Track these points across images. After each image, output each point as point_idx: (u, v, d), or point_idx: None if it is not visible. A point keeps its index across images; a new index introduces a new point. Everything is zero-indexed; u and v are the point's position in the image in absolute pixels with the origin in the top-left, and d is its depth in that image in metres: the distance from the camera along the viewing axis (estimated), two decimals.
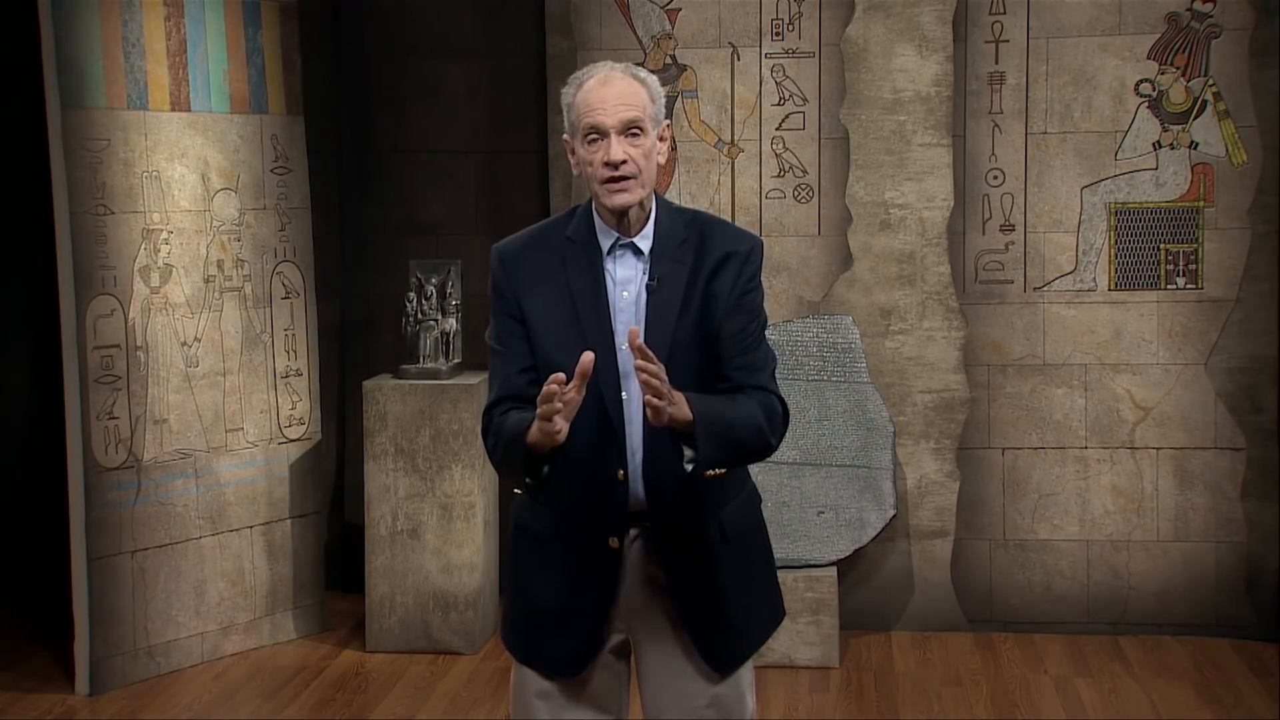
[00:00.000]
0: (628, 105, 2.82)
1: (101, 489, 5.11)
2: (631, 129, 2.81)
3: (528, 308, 2.88)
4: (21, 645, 5.63)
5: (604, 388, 2.81)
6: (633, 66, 2.90)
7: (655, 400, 2.65)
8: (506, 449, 2.83)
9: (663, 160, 2.90)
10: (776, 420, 2.91)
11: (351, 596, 5.95)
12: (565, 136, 2.92)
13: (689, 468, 2.77)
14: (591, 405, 2.78)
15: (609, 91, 2.82)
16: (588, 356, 2.66)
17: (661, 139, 2.89)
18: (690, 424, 2.73)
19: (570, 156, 2.91)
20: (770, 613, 3.07)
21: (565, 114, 2.89)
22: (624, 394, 2.84)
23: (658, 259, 2.87)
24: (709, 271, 2.88)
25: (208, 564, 5.44)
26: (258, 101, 5.56)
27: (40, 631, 5.76)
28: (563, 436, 2.70)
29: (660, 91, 2.89)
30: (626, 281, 2.88)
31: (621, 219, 2.87)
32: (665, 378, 2.67)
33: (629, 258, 2.89)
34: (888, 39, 5.63)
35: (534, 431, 2.73)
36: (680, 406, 2.71)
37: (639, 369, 2.64)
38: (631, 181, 2.82)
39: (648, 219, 2.90)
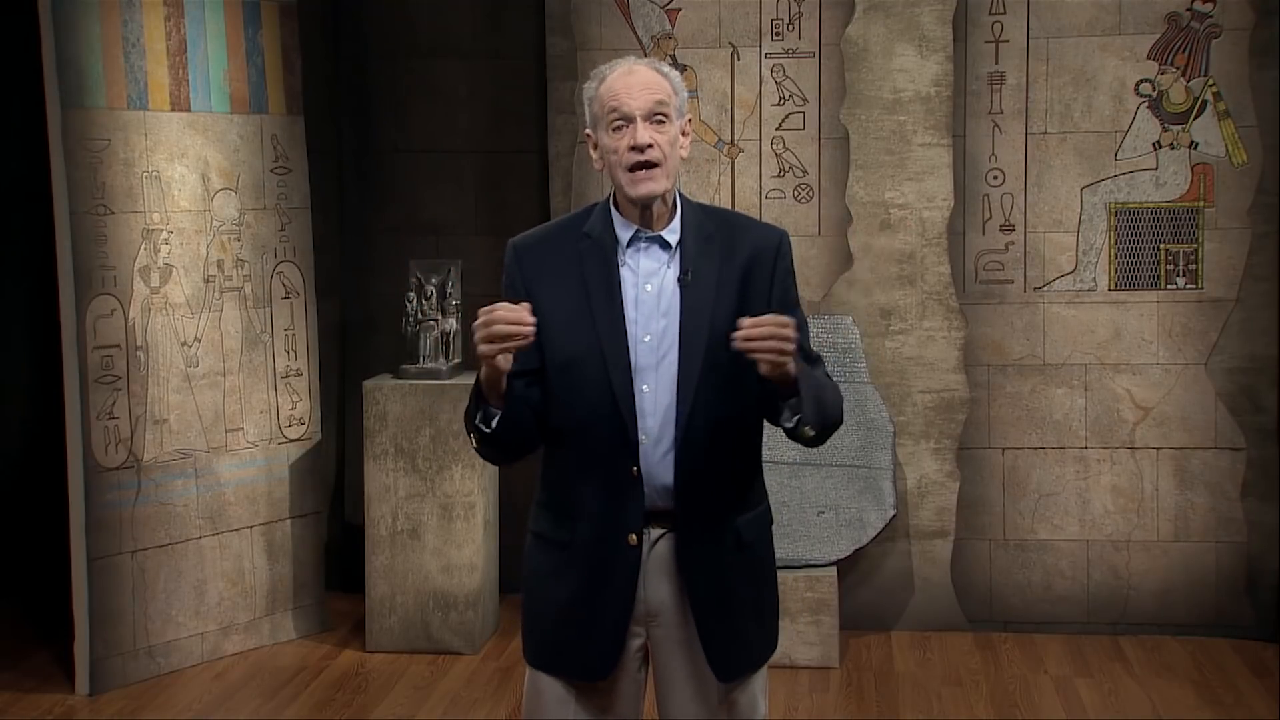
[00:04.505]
0: (653, 91, 2.82)
1: (101, 489, 5.11)
2: (657, 115, 2.82)
3: (539, 301, 2.85)
4: (21, 645, 5.63)
5: (615, 383, 2.80)
6: (655, 60, 2.92)
7: (780, 357, 2.67)
8: (470, 400, 2.84)
9: (684, 154, 2.89)
10: (842, 401, 2.96)
11: (351, 596, 5.95)
12: (586, 131, 2.91)
13: (791, 424, 2.78)
14: (603, 400, 2.78)
15: (634, 80, 2.83)
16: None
17: (684, 133, 2.89)
18: (793, 381, 2.74)
19: (591, 151, 2.89)
20: (771, 634, 3.05)
21: (587, 108, 2.89)
22: (644, 386, 2.83)
23: (688, 252, 2.86)
24: (741, 268, 2.88)
25: (208, 564, 5.44)
26: (258, 101, 5.56)
27: (40, 631, 5.75)
28: (506, 364, 2.71)
29: (682, 86, 2.90)
30: (651, 274, 2.86)
31: (645, 211, 2.85)
32: (791, 334, 2.68)
33: (655, 250, 2.87)
34: (888, 39, 5.63)
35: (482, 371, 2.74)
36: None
37: (760, 334, 2.65)
38: (657, 170, 2.81)
39: (672, 213, 2.89)
